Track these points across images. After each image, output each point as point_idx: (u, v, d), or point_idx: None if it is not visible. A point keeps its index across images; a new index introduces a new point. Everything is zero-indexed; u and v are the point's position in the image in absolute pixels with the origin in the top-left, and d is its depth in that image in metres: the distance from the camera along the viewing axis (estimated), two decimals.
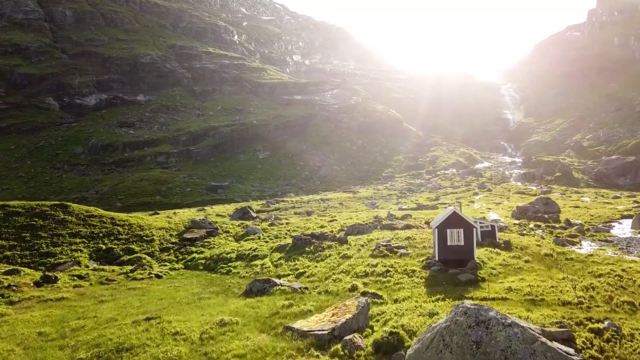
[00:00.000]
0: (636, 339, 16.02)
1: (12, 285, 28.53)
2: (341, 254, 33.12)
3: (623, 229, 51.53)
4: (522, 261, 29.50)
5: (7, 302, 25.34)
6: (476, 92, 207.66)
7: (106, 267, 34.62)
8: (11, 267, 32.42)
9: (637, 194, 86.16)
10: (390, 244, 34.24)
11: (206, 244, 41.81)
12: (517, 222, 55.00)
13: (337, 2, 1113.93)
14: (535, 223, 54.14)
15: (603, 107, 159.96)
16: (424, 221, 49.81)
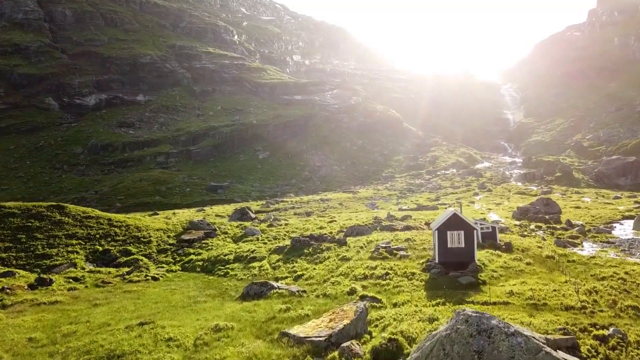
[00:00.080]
0: None
1: (6, 288, 28.10)
2: (340, 256, 32.72)
3: (624, 229, 51.15)
4: (523, 263, 29.08)
5: (0, 306, 24.93)
6: (476, 92, 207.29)
7: (102, 269, 34.22)
8: (6, 269, 31.99)
9: (637, 194, 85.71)
10: (390, 245, 33.84)
11: (204, 245, 41.38)
12: (517, 223, 54.61)
13: (337, 2, 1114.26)
14: (536, 224, 53.76)
15: (603, 107, 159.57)
16: (424, 222, 49.42)
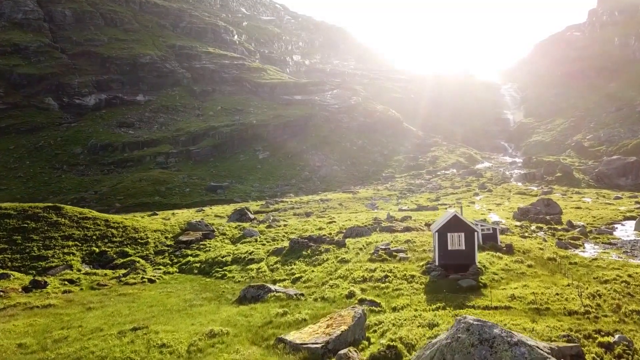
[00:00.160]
0: None
1: (0, 290, 27.69)
2: (339, 258, 32.30)
3: (626, 230, 50.75)
4: (524, 266, 28.66)
5: None
6: (476, 92, 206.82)
7: (98, 271, 33.80)
8: (0, 272, 31.57)
9: (638, 194, 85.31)
10: (390, 247, 33.43)
11: (202, 246, 40.97)
12: (518, 224, 54.22)
13: (337, 2, 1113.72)
14: (537, 225, 53.36)
15: (603, 107, 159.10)
16: (424, 223, 49.03)
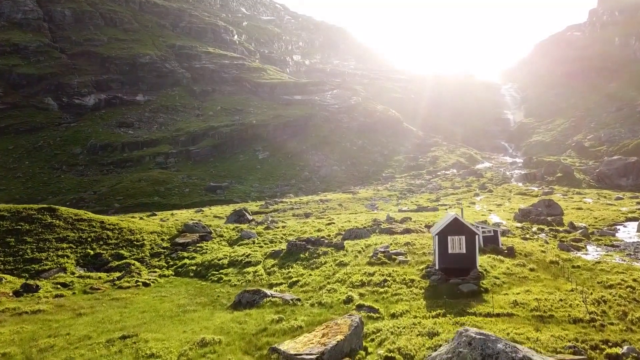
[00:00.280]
0: None
1: None
2: (337, 261, 31.73)
3: (629, 232, 50.17)
4: (527, 269, 28.08)
5: None
6: (476, 92, 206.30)
7: (92, 274, 33.22)
8: None
9: (639, 194, 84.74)
10: (389, 250, 32.87)
11: (198, 249, 40.41)
12: (519, 225, 53.66)
13: (337, 2, 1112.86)
14: (539, 226, 52.82)
15: (604, 107, 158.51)
16: (424, 224, 48.51)
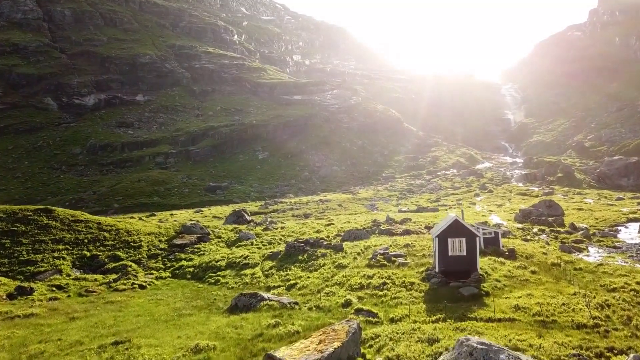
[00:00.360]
0: None
1: None
2: (336, 263, 31.34)
3: (630, 233, 49.80)
4: (528, 272, 27.68)
5: None
6: (477, 92, 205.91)
7: (88, 276, 32.83)
8: None
9: None
10: (388, 252, 32.49)
11: (196, 250, 40.00)
12: (520, 226, 53.27)
13: (337, 2, 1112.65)
14: (539, 227, 52.42)
15: (604, 107, 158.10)
16: (424, 225, 48.13)
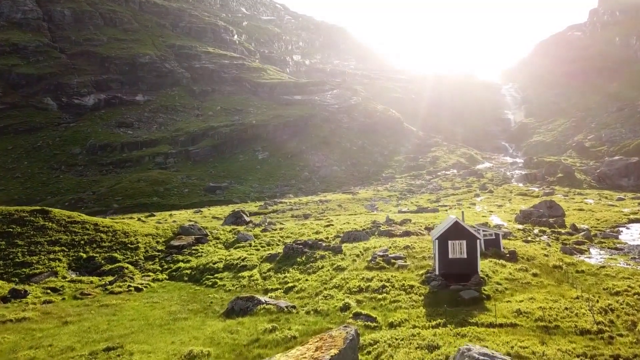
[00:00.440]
0: None
1: None
2: (335, 266, 30.90)
3: (632, 234, 49.40)
4: (529, 275, 27.24)
5: None
6: (477, 92, 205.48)
7: (84, 279, 32.41)
8: None
9: None
10: (388, 254, 32.07)
11: (194, 252, 39.55)
12: (521, 227, 52.81)
13: (337, 2, 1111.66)
14: (540, 228, 52.00)
15: (605, 107, 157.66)
16: (424, 226, 47.75)
